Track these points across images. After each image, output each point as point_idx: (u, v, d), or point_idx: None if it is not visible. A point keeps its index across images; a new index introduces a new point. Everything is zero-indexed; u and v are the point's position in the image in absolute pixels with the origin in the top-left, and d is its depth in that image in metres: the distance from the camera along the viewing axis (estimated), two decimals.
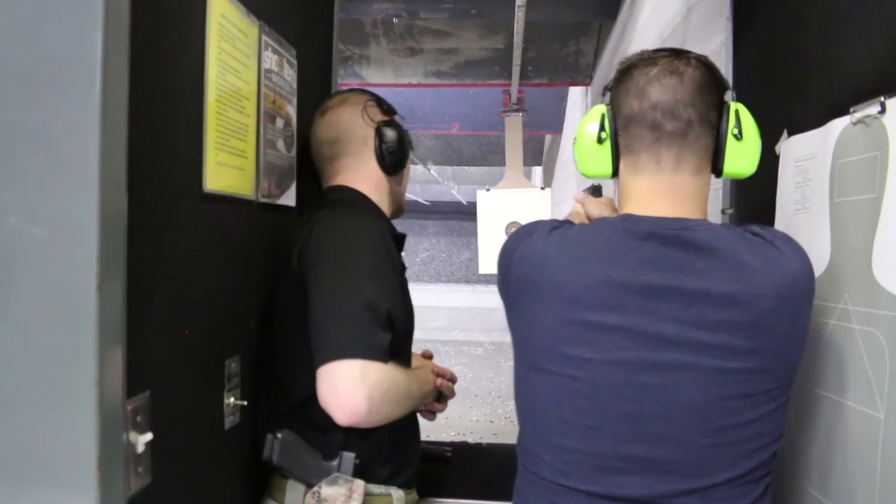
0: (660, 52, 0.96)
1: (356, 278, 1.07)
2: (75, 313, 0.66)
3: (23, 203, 0.67)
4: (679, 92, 0.92)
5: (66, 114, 0.67)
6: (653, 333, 0.86)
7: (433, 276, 19.57)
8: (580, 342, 0.89)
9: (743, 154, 0.95)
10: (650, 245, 0.89)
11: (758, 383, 0.86)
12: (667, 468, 0.87)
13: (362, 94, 1.36)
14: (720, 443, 0.86)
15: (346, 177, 1.31)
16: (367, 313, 1.03)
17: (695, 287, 0.86)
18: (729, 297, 0.85)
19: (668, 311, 0.86)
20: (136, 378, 0.77)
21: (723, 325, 0.85)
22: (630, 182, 0.97)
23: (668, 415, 0.86)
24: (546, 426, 0.94)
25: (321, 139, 1.33)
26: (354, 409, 0.98)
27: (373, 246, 1.12)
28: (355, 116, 1.31)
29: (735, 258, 0.87)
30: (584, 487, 0.90)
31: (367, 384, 0.98)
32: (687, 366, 0.86)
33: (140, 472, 0.79)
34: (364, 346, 1.00)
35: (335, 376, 0.99)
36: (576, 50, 5.62)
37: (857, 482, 0.89)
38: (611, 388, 0.88)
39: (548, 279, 0.91)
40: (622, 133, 0.97)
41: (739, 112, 0.95)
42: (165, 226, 0.90)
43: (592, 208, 1.11)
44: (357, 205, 1.26)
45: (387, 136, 1.30)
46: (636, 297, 0.87)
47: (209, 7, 1.01)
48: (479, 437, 4.97)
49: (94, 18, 0.66)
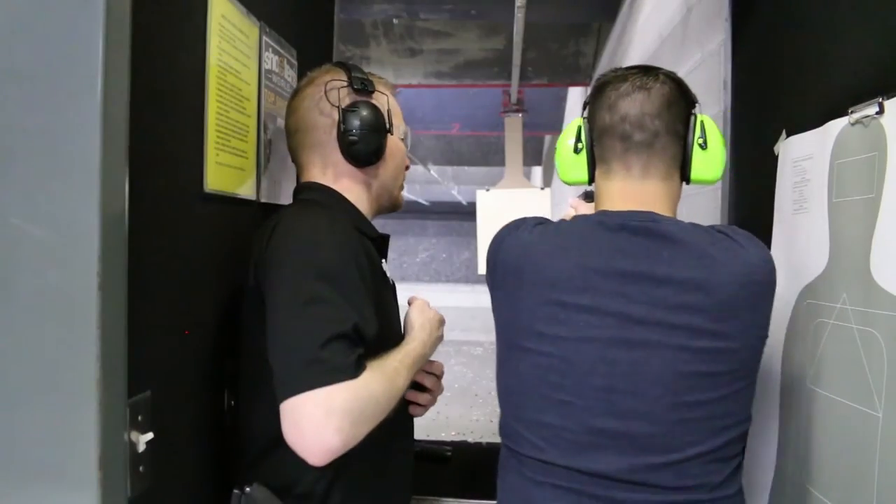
0: (631, 70, 1.05)
1: (313, 295, 0.91)
2: (76, 313, 0.67)
3: (24, 203, 0.67)
4: (647, 105, 1.00)
5: (67, 114, 0.67)
6: (623, 314, 0.93)
7: (433, 276, 19.56)
8: (556, 321, 0.95)
9: (708, 162, 1.03)
10: (622, 235, 0.96)
11: (721, 363, 0.92)
12: (639, 443, 0.92)
13: (330, 70, 1.17)
14: (688, 418, 0.91)
15: (314, 172, 1.15)
16: (327, 333, 0.88)
17: (661, 273, 0.93)
18: (692, 283, 0.91)
19: (638, 294, 0.93)
20: (137, 378, 0.77)
21: (687, 308, 0.91)
22: (604, 187, 1.06)
23: (638, 389, 0.92)
24: (525, 404, 0.99)
25: (287, 128, 1.19)
26: (325, 448, 0.85)
27: (333, 251, 0.96)
28: (315, 102, 1.13)
29: (699, 249, 0.93)
30: (561, 462, 0.94)
31: (336, 416, 0.84)
32: (655, 343, 0.91)
33: (141, 472, 0.79)
34: (325, 371, 0.86)
35: (298, 413, 0.84)
36: (575, 51, 5.62)
37: (855, 480, 0.89)
38: (583, 363, 0.94)
39: (529, 265, 0.99)
40: (597, 143, 1.06)
41: (705, 123, 1.03)
42: (166, 226, 0.90)
43: (584, 212, 1.22)
44: (323, 206, 1.08)
45: (348, 124, 1.09)
46: (608, 280, 0.94)
47: (210, 8, 1.01)
48: (479, 437, 4.98)
49: (95, 19, 0.66)
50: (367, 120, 1.10)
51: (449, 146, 9.77)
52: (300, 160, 1.18)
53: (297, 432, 0.85)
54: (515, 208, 4.00)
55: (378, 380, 0.93)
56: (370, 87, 1.15)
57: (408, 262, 19.15)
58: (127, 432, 0.74)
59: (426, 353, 1.13)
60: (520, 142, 4.28)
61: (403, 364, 1.02)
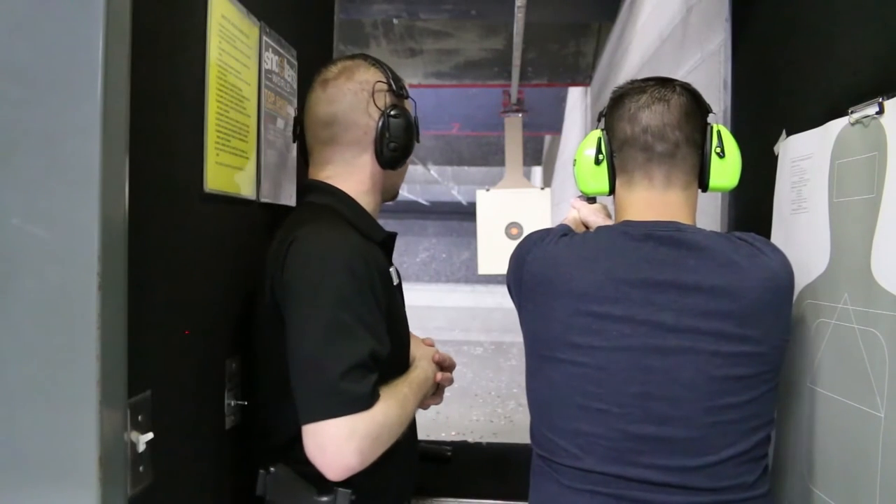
0: (648, 82, 1.07)
1: (333, 324, 0.97)
2: (77, 313, 0.67)
3: (24, 203, 0.67)
4: (667, 117, 1.03)
5: (67, 114, 0.67)
6: (654, 322, 0.95)
7: (433, 276, 19.57)
8: (589, 331, 0.98)
9: (726, 170, 1.06)
10: (648, 245, 0.99)
11: (751, 367, 0.95)
12: (676, 447, 0.94)
13: (372, 67, 1.16)
14: (722, 421, 0.94)
15: (336, 170, 1.16)
16: (348, 362, 0.95)
17: (689, 281, 0.95)
18: (719, 289, 0.94)
19: (666, 302, 0.95)
20: (137, 377, 0.77)
21: (716, 314, 0.94)
22: (626, 197, 1.08)
23: (673, 395, 0.94)
24: (559, 413, 1.01)
25: (317, 117, 1.15)
26: (345, 467, 0.94)
27: (349, 278, 1.00)
28: (360, 100, 1.13)
29: (723, 256, 0.96)
30: (599, 469, 0.96)
31: (357, 440, 0.94)
32: (686, 349, 0.94)
33: (141, 472, 0.79)
34: (348, 401, 0.94)
35: (322, 436, 0.94)
36: (575, 51, 5.63)
37: (858, 480, 0.89)
38: (619, 372, 0.96)
39: (559, 276, 1.01)
40: (617, 155, 1.08)
41: (721, 133, 1.06)
42: (166, 226, 0.90)
43: (586, 213, 1.25)
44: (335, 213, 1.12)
45: (392, 129, 1.12)
46: (637, 290, 0.96)
47: (210, 8, 1.01)
48: (479, 437, 4.98)
49: (95, 19, 0.66)
50: (408, 127, 1.15)
51: (449, 146, 9.78)
52: (321, 154, 1.17)
53: (321, 453, 0.94)
54: (515, 208, 4.01)
55: (392, 407, 1.01)
56: (405, 93, 1.18)
57: (408, 262, 19.15)
58: (127, 432, 0.74)
59: (428, 377, 1.20)
60: (520, 142, 4.29)
61: (411, 390, 1.11)
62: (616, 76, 4.51)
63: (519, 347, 7.72)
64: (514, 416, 5.84)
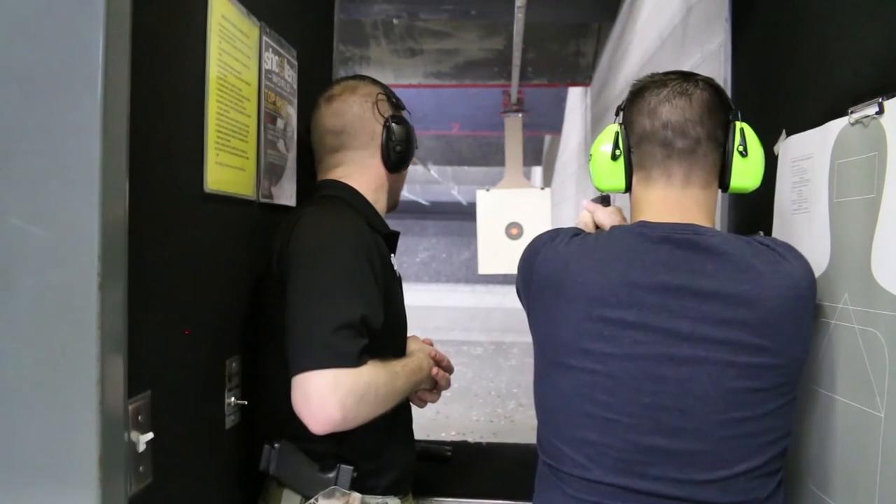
0: (670, 75, 1.02)
1: (329, 285, 1.04)
2: (77, 313, 0.67)
3: (24, 203, 0.67)
4: (688, 112, 0.98)
5: (67, 114, 0.67)
6: (668, 329, 0.91)
7: (433, 276, 19.57)
8: (601, 337, 0.93)
9: (748, 170, 1.01)
10: (665, 248, 0.94)
11: (769, 378, 0.90)
12: (686, 460, 0.90)
13: (372, 84, 1.30)
14: (736, 434, 0.90)
15: (346, 171, 1.25)
16: (338, 320, 1.00)
17: (706, 287, 0.91)
18: (738, 297, 0.90)
19: (682, 308, 0.91)
20: (138, 378, 0.77)
21: (733, 323, 0.89)
22: (643, 195, 1.03)
23: (686, 406, 0.90)
24: (567, 421, 0.97)
25: (326, 128, 1.26)
26: (328, 418, 0.97)
27: (350, 249, 1.08)
28: (365, 109, 1.25)
29: (743, 262, 0.92)
30: (606, 480, 0.93)
31: (340, 393, 0.97)
32: (701, 360, 0.90)
33: (141, 472, 0.79)
34: (335, 355, 0.98)
35: (307, 386, 0.98)
36: (575, 51, 5.63)
37: (858, 480, 0.89)
38: (630, 381, 0.92)
39: (570, 279, 0.97)
40: (635, 150, 1.03)
41: (745, 130, 1.00)
42: (166, 226, 0.90)
43: (602, 216, 1.18)
44: (345, 202, 1.21)
45: (395, 133, 1.25)
46: (652, 295, 0.92)
47: (210, 8, 1.01)
48: (479, 437, 4.97)
49: (95, 19, 0.66)
50: (409, 133, 1.28)
51: (449, 146, 9.79)
52: (332, 159, 1.27)
53: (305, 403, 0.98)
54: (515, 208, 4.02)
55: (379, 373, 1.05)
56: (402, 105, 1.33)
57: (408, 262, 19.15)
58: (127, 432, 0.74)
59: (423, 367, 1.24)
60: (520, 142, 4.29)
61: (403, 370, 1.14)
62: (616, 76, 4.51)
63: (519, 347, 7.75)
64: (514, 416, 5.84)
